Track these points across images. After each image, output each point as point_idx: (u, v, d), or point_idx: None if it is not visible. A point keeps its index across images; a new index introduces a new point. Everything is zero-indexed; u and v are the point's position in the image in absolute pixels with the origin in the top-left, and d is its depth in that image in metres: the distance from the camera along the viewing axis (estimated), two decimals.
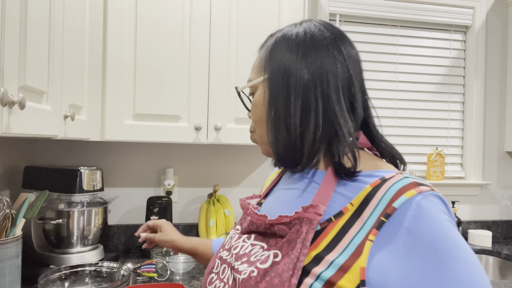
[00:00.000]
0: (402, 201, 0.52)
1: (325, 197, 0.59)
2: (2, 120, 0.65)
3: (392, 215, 0.52)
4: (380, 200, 0.54)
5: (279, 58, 0.65)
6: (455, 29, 2.26)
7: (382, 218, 0.53)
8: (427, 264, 0.48)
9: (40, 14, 0.84)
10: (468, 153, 2.26)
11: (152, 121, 1.53)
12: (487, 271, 2.03)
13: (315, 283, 0.52)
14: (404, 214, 0.51)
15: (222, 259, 0.68)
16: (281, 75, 0.64)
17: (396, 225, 0.51)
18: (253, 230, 0.66)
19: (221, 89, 1.58)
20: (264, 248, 0.61)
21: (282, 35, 0.68)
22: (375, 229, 0.53)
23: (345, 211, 0.57)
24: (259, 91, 0.69)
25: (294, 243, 0.57)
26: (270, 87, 0.65)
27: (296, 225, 0.58)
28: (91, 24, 1.34)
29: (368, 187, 0.57)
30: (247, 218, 0.69)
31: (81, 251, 1.45)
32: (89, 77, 1.33)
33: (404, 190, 0.53)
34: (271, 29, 1.62)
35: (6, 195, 1.46)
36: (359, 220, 0.55)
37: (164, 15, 1.52)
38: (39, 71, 0.85)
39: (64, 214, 1.42)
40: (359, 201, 0.57)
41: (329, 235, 0.56)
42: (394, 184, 0.55)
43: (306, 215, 0.57)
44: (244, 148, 1.97)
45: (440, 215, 0.51)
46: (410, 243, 0.50)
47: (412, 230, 0.50)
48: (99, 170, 1.51)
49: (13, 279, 1.08)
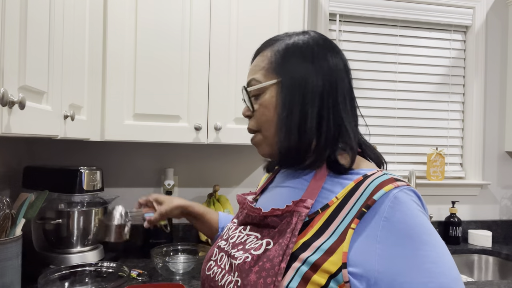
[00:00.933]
0: (381, 194, 0.59)
1: (313, 192, 0.66)
2: (2, 120, 0.65)
3: (372, 206, 0.59)
4: (362, 194, 0.62)
5: (295, 64, 0.70)
6: (455, 29, 2.26)
7: (363, 209, 0.60)
8: (402, 247, 0.56)
9: (40, 14, 0.84)
10: (468, 153, 2.26)
11: (152, 121, 1.53)
12: (487, 271, 2.03)
13: (302, 266, 0.59)
14: (382, 205, 0.59)
15: (220, 248, 0.75)
16: (298, 81, 0.69)
17: (375, 214, 0.59)
18: (249, 222, 0.73)
19: (221, 89, 1.58)
20: (258, 237, 0.68)
21: (293, 42, 0.72)
22: (356, 218, 0.60)
23: (330, 204, 0.64)
24: (269, 93, 0.71)
25: (285, 233, 0.63)
26: (285, 91, 0.69)
27: (287, 217, 0.65)
28: (91, 24, 1.34)
29: (352, 183, 0.64)
30: (243, 212, 0.76)
31: (81, 251, 1.45)
32: (89, 77, 1.33)
33: (383, 185, 0.61)
34: (271, 29, 1.62)
35: (6, 195, 1.46)
36: (343, 211, 0.62)
37: (164, 15, 1.52)
38: (39, 71, 0.85)
39: (64, 214, 1.42)
40: (343, 195, 0.64)
41: (316, 225, 0.63)
42: (375, 180, 0.62)
43: (296, 208, 0.64)
44: (244, 148, 1.97)
45: (414, 206, 0.59)
46: (387, 229, 0.57)
47: (389, 218, 0.58)
48: (99, 170, 1.51)
49: (13, 279, 1.07)
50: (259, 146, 0.75)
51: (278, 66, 0.71)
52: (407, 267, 0.55)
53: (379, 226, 0.58)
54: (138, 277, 1.41)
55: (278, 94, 0.70)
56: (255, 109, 0.74)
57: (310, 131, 0.68)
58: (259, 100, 0.72)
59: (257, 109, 0.73)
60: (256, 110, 0.73)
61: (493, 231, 2.22)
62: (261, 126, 0.72)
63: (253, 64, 0.76)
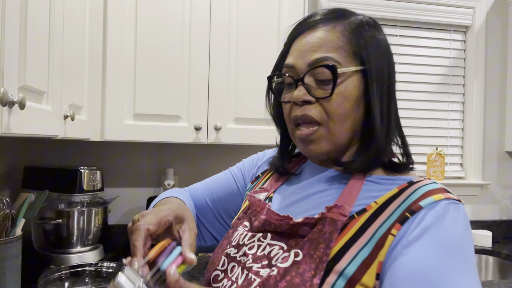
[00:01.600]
0: (429, 201, 0.54)
1: (351, 197, 0.59)
2: (2, 120, 0.65)
3: (417, 212, 0.53)
4: (407, 198, 0.56)
5: (382, 51, 0.63)
6: (455, 29, 2.26)
7: (406, 213, 0.54)
8: (443, 264, 0.49)
9: (40, 14, 0.84)
10: (468, 153, 2.26)
11: (152, 121, 1.53)
12: (487, 271, 2.03)
13: (338, 281, 0.52)
14: (428, 213, 0.53)
15: (230, 257, 0.64)
16: (382, 73, 0.62)
17: (419, 222, 0.52)
18: (270, 229, 0.62)
19: (221, 89, 1.58)
20: (284, 248, 0.59)
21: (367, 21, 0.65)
22: (398, 223, 0.53)
23: (368, 208, 0.57)
24: (351, 81, 0.60)
25: (317, 243, 0.55)
26: (372, 84, 0.60)
27: (319, 225, 0.57)
28: (91, 24, 1.34)
29: (395, 188, 0.58)
30: (259, 217, 0.65)
31: (81, 251, 1.45)
32: (89, 77, 1.33)
33: (433, 193, 0.55)
34: (271, 29, 1.62)
35: (6, 195, 1.46)
36: (383, 215, 0.55)
37: (164, 15, 1.52)
38: (39, 71, 0.85)
39: (64, 214, 1.42)
40: (384, 200, 0.57)
41: (351, 231, 0.55)
42: (423, 186, 0.57)
43: (330, 215, 0.57)
44: (244, 148, 1.97)
45: (463, 224, 0.54)
46: (431, 242, 0.51)
47: (434, 230, 0.51)
48: (99, 170, 1.51)
49: (13, 279, 1.07)
50: (317, 142, 0.62)
51: (361, 51, 0.61)
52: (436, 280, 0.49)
53: (422, 236, 0.51)
54: None
55: (362, 86, 0.61)
56: (322, 96, 0.60)
57: (392, 132, 0.62)
58: (337, 87, 0.60)
59: (335, 98, 0.60)
60: (323, 97, 0.60)
61: (493, 231, 2.21)
62: (332, 118, 0.60)
63: (318, 36, 0.62)
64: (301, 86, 0.61)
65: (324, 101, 0.60)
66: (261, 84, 0.74)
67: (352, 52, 0.61)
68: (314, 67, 0.60)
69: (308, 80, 0.61)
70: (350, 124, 0.61)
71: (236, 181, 0.83)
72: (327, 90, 0.60)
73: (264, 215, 0.63)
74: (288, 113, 0.65)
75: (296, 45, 0.64)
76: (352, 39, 0.61)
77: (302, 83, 0.61)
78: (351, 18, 0.64)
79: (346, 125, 0.61)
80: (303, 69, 0.62)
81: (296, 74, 0.63)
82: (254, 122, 1.61)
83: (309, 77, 0.61)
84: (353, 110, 0.61)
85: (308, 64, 0.61)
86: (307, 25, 0.64)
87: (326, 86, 0.60)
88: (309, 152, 0.64)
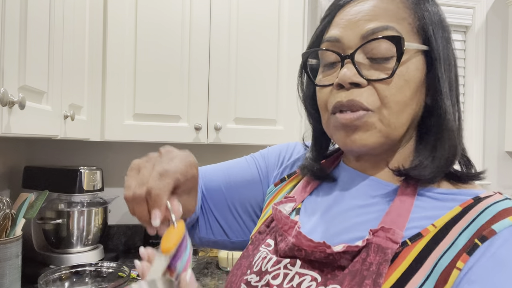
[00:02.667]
0: (506, 225, 0.42)
1: (401, 218, 0.46)
2: (2, 120, 0.65)
3: (490, 239, 0.41)
4: (474, 220, 0.44)
5: (448, 32, 0.51)
6: (455, 29, 2.26)
7: (476, 240, 0.42)
8: None
9: (40, 14, 0.84)
10: (468, 153, 2.25)
11: (152, 121, 1.53)
12: None
13: None
14: (505, 241, 0.41)
15: (251, 285, 0.52)
16: (453, 55, 0.51)
17: (493, 252, 0.41)
18: (299, 256, 0.50)
19: (221, 89, 1.58)
20: (318, 281, 0.47)
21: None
22: (465, 253, 0.42)
23: (424, 233, 0.45)
24: (414, 62, 0.49)
25: (361, 277, 0.44)
26: (440, 69, 0.49)
27: (362, 253, 0.45)
28: (91, 24, 1.34)
29: (458, 207, 0.46)
30: (287, 238, 0.52)
31: (81, 251, 1.45)
32: (89, 77, 1.33)
33: (508, 213, 0.43)
34: (271, 29, 1.62)
35: (6, 195, 1.46)
36: (444, 242, 0.44)
37: (164, 14, 1.52)
38: (39, 71, 0.85)
39: (64, 214, 1.42)
40: (444, 222, 0.45)
41: (404, 262, 0.44)
42: (494, 204, 0.45)
43: (376, 241, 0.45)
44: (244, 148, 1.97)
45: None
46: (506, 278, 0.39)
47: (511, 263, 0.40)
48: (99, 170, 1.51)
49: (13, 279, 1.07)
50: (365, 130, 0.49)
51: (427, 27, 0.49)
52: None
53: (497, 271, 0.40)
54: (138, 277, 1.41)
55: (425, 70, 0.49)
56: (377, 77, 0.48)
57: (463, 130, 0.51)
58: (399, 67, 0.47)
59: (395, 81, 0.48)
60: (379, 79, 0.48)
61: None
62: (389, 105, 0.48)
63: (374, 4, 0.49)
64: (350, 64, 0.48)
65: (381, 83, 0.47)
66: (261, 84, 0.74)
67: (416, 26, 0.49)
68: (371, 40, 0.47)
69: (360, 58, 0.48)
70: (409, 115, 0.49)
71: (259, 172, 0.69)
72: (385, 71, 0.47)
73: (293, 237, 0.50)
74: (326, 98, 0.52)
75: (342, 15, 0.51)
76: (417, 11, 0.50)
77: (352, 61, 0.48)
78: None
79: (404, 116, 0.49)
80: (353, 43, 0.49)
81: (342, 50, 0.50)
82: (254, 122, 1.61)
83: (360, 53, 0.48)
84: (413, 99, 0.49)
85: (362, 36, 0.48)
86: None
87: (383, 65, 0.48)
88: (352, 143, 0.49)
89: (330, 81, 0.51)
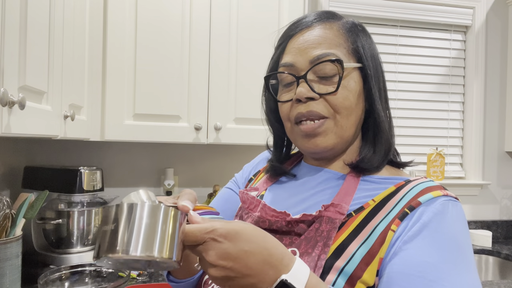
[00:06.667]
0: (428, 198, 0.54)
1: (347, 196, 0.59)
2: (2, 120, 0.65)
3: (416, 208, 0.54)
4: (405, 195, 0.56)
5: (375, 52, 0.65)
6: (455, 29, 2.26)
7: (406, 209, 0.54)
8: (442, 260, 0.49)
9: (40, 14, 0.84)
10: (468, 153, 2.26)
11: (152, 121, 1.53)
12: (487, 271, 2.03)
13: (338, 279, 0.51)
14: (427, 209, 0.53)
15: None
16: (380, 70, 0.65)
17: (419, 218, 0.53)
18: (264, 227, 0.61)
19: (221, 89, 1.58)
20: None
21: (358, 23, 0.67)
22: (398, 219, 0.54)
23: (366, 206, 0.57)
24: (353, 78, 0.62)
25: (314, 241, 0.55)
26: (371, 81, 0.63)
27: (315, 223, 0.57)
28: (91, 24, 1.34)
29: (393, 187, 0.59)
30: (252, 214, 0.64)
31: (81, 251, 1.45)
32: (89, 77, 1.33)
33: (431, 190, 0.56)
34: (271, 29, 1.62)
35: (6, 195, 1.46)
36: (381, 212, 0.56)
37: (164, 15, 1.52)
38: (39, 71, 0.85)
39: (64, 214, 1.42)
40: (382, 198, 0.58)
41: (349, 229, 0.55)
42: (420, 183, 0.57)
43: (327, 214, 0.57)
44: (244, 148, 1.97)
45: (461, 220, 0.54)
46: (430, 238, 0.51)
47: (434, 226, 0.52)
48: (99, 170, 1.51)
49: (13, 279, 1.07)
50: (324, 135, 0.61)
51: (358, 49, 0.63)
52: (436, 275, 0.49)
53: (422, 232, 0.51)
54: (138, 277, 1.41)
55: (361, 82, 0.63)
56: (326, 92, 0.61)
57: (393, 127, 0.66)
58: (342, 81, 0.60)
59: (341, 92, 0.60)
60: (328, 93, 0.61)
61: (493, 231, 2.22)
62: (339, 111, 0.61)
63: (317, 34, 0.63)
64: (304, 83, 0.61)
65: (330, 96, 0.60)
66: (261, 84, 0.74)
67: (350, 49, 0.63)
68: (318, 63, 0.60)
69: (311, 76, 0.61)
70: (355, 118, 0.62)
71: (233, 191, 0.81)
72: (332, 85, 0.60)
73: (259, 211, 0.62)
74: (288, 111, 0.65)
75: (292, 43, 0.64)
76: (349, 37, 0.63)
77: (305, 80, 0.61)
78: (343, 19, 0.67)
79: (352, 118, 0.62)
80: (304, 66, 0.62)
81: (296, 72, 0.63)
82: (254, 122, 1.61)
83: (311, 74, 0.61)
84: (356, 105, 0.62)
85: (310, 61, 0.61)
86: (303, 24, 0.65)
87: (330, 81, 0.61)
88: (315, 147, 0.62)
89: (290, 97, 0.64)
